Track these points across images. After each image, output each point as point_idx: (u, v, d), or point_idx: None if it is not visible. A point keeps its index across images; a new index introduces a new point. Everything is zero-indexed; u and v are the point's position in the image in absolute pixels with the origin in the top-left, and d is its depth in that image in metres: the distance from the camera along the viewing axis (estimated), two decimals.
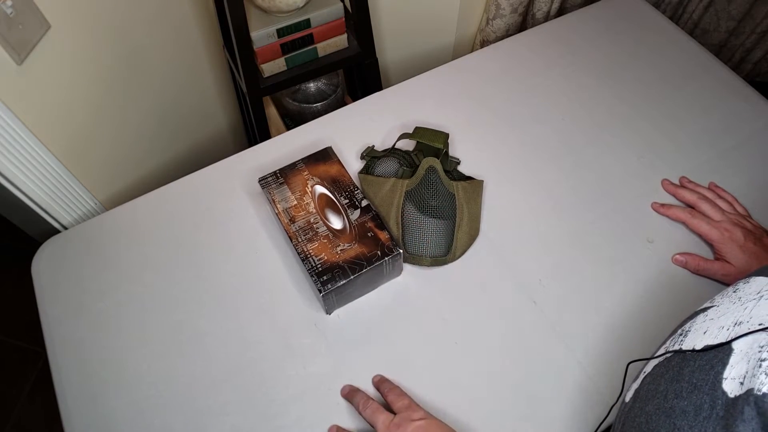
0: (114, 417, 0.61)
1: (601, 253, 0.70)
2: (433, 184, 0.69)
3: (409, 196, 0.69)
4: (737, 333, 0.38)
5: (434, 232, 0.69)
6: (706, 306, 0.46)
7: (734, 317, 0.40)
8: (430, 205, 0.69)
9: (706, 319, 0.44)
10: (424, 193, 0.69)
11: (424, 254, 0.68)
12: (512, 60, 0.91)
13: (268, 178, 0.71)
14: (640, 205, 0.74)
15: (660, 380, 0.42)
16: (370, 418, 0.56)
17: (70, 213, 0.84)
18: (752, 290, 0.42)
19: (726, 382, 0.36)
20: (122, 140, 0.97)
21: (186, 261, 0.71)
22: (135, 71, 0.95)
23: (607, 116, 0.83)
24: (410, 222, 0.69)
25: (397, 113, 0.84)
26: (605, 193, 0.75)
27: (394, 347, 0.64)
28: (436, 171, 0.70)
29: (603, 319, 0.65)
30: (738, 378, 0.35)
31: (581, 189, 0.76)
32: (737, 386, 0.35)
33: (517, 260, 0.70)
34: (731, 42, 1.21)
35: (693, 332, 0.43)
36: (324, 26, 0.94)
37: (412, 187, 0.70)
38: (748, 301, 0.41)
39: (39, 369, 1.32)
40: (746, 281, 0.44)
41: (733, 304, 0.42)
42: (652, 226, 0.72)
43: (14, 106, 0.71)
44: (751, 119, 0.81)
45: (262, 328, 0.66)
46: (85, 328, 0.67)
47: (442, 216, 0.69)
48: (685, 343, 0.43)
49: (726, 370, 0.36)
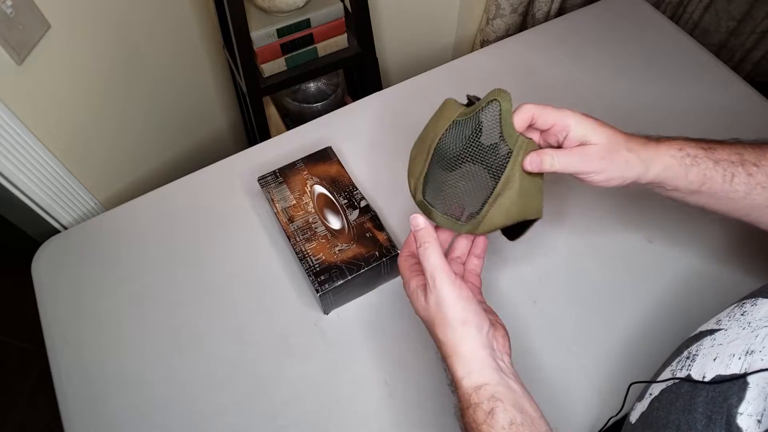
0: (114, 417, 0.61)
1: (601, 253, 0.70)
2: (490, 125, 0.49)
3: (456, 127, 0.51)
4: (750, 363, 0.38)
5: (463, 182, 0.50)
6: (712, 328, 0.45)
7: (746, 345, 0.40)
8: (473, 150, 0.50)
9: (714, 343, 0.43)
10: (473, 131, 0.50)
11: (435, 207, 0.52)
12: (512, 60, 0.90)
13: (267, 177, 0.71)
14: (640, 204, 0.74)
15: (670, 408, 0.41)
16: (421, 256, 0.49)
17: (70, 213, 0.84)
18: (762, 315, 0.41)
19: (741, 417, 0.35)
20: (122, 140, 0.97)
21: (185, 261, 0.71)
22: (135, 71, 0.95)
23: (606, 116, 0.83)
24: (441, 159, 0.51)
25: (397, 113, 0.84)
26: (605, 192, 0.75)
27: (394, 347, 0.64)
28: (500, 108, 0.49)
29: (603, 319, 0.65)
30: (755, 415, 0.35)
31: (581, 188, 0.76)
32: (754, 424, 0.34)
33: (517, 260, 0.70)
34: (731, 42, 1.21)
35: (701, 357, 0.42)
36: (324, 26, 0.94)
37: (463, 117, 0.50)
38: (759, 328, 0.40)
39: (39, 369, 1.32)
40: (753, 302, 0.44)
41: (743, 330, 0.41)
42: (653, 226, 0.72)
43: (14, 106, 0.71)
44: (751, 119, 0.81)
45: (261, 328, 0.66)
46: (85, 328, 0.67)
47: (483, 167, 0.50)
48: (693, 368, 0.42)
49: (742, 405, 0.36)
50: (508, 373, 0.46)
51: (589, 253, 0.70)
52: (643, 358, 0.62)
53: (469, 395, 0.45)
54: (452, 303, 0.46)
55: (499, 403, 0.43)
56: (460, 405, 0.46)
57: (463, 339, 0.46)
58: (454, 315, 0.46)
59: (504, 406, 0.43)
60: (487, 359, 0.45)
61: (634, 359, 0.62)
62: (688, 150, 0.50)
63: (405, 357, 0.64)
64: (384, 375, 0.62)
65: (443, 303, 0.46)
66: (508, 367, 0.47)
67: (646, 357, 0.61)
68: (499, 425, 0.43)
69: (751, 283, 0.62)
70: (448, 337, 0.47)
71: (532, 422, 0.44)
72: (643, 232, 0.71)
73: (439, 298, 0.47)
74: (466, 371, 0.45)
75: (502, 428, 0.43)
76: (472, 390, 0.45)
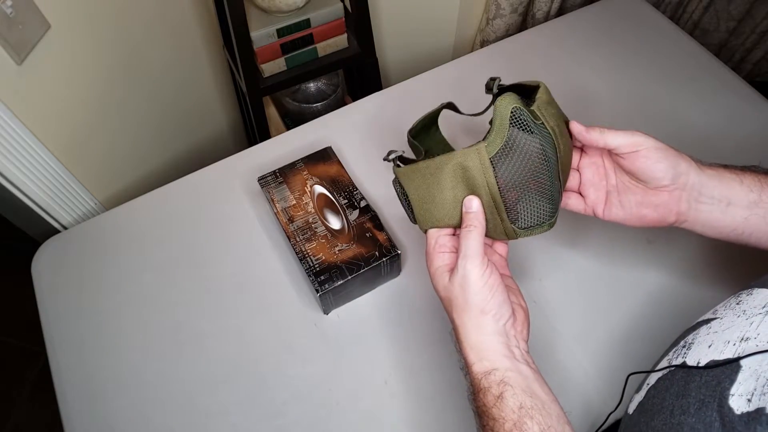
0: (114, 417, 0.61)
1: (601, 253, 0.70)
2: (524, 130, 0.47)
3: (498, 161, 0.48)
4: (744, 349, 0.38)
5: (549, 180, 0.49)
6: (708, 317, 0.46)
7: (740, 332, 0.40)
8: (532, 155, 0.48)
9: (710, 331, 0.43)
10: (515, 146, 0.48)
11: (543, 221, 0.50)
12: (512, 60, 0.90)
13: (267, 177, 0.71)
14: None
15: (665, 395, 0.42)
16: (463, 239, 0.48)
17: (70, 213, 0.84)
18: (757, 303, 0.42)
19: (733, 398, 0.36)
20: (122, 140, 0.97)
21: (185, 261, 0.71)
22: (135, 71, 0.95)
23: (606, 116, 0.83)
24: (515, 187, 0.48)
25: (397, 113, 0.84)
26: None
27: (394, 347, 0.64)
28: (522, 113, 0.47)
29: (603, 319, 0.65)
30: (745, 395, 0.35)
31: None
32: (744, 403, 0.35)
33: (517, 260, 0.70)
34: (731, 42, 1.21)
35: (697, 345, 0.43)
36: (324, 26, 0.94)
37: (498, 148, 0.47)
38: (754, 315, 0.40)
39: (39, 369, 1.32)
40: (749, 292, 0.44)
41: (737, 318, 0.42)
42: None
43: (14, 106, 0.71)
44: (751, 119, 0.81)
45: (261, 328, 0.66)
46: (85, 328, 0.67)
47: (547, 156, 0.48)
48: (689, 356, 0.42)
49: (733, 386, 0.36)
50: (520, 359, 0.46)
51: (589, 253, 0.70)
52: (642, 357, 0.62)
53: (479, 380, 0.45)
54: (478, 289, 0.46)
55: (509, 388, 0.44)
56: (472, 389, 0.47)
57: (478, 327, 0.46)
58: (475, 302, 0.46)
59: (513, 391, 0.44)
60: (499, 347, 0.46)
61: (634, 359, 0.62)
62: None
63: (405, 357, 0.64)
64: (384, 375, 0.62)
65: (468, 287, 0.46)
66: (522, 353, 0.47)
67: (646, 357, 0.61)
68: (508, 408, 0.43)
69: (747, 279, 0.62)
70: (464, 321, 0.47)
71: (543, 405, 0.44)
72: (643, 232, 0.71)
73: (464, 280, 0.46)
74: (477, 357, 0.46)
75: (511, 411, 0.43)
76: (482, 375, 0.45)
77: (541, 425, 0.42)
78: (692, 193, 0.50)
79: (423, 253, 0.70)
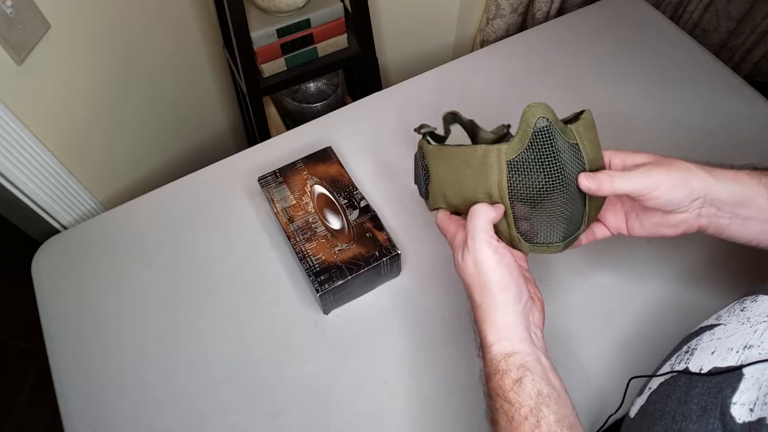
0: (114, 417, 0.61)
1: (601, 253, 0.70)
2: (548, 143, 0.46)
3: (515, 167, 0.47)
4: (748, 357, 0.38)
5: (569, 203, 0.48)
6: (711, 323, 0.45)
7: (744, 340, 0.40)
8: (550, 171, 0.47)
9: (713, 338, 0.43)
10: (535, 157, 0.47)
11: (551, 241, 0.49)
12: (512, 60, 0.90)
13: (267, 177, 0.71)
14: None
15: (667, 400, 0.42)
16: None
17: (70, 213, 0.84)
18: (761, 311, 0.41)
19: (735, 407, 0.35)
20: (122, 140, 0.97)
21: (185, 261, 0.71)
22: (135, 71, 0.95)
23: (606, 116, 0.83)
24: (526, 197, 0.48)
25: (397, 113, 0.84)
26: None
27: (394, 347, 0.64)
28: (551, 126, 0.47)
29: (603, 319, 0.65)
30: (748, 404, 0.35)
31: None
32: (746, 412, 0.35)
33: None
34: (731, 42, 1.21)
35: (700, 351, 0.43)
36: (324, 26, 0.94)
37: (517, 153, 0.47)
38: (758, 323, 0.40)
39: (39, 369, 1.32)
40: (754, 299, 0.44)
41: (741, 325, 0.42)
42: None
43: (14, 106, 0.71)
44: (751, 119, 0.81)
45: (261, 328, 0.66)
46: (85, 328, 0.67)
47: (568, 177, 0.47)
48: (691, 362, 0.42)
49: (735, 395, 0.36)
50: (539, 347, 0.46)
51: (589, 253, 0.70)
52: (643, 358, 0.62)
53: (498, 362, 0.45)
54: (493, 267, 0.46)
55: (528, 373, 0.43)
56: (487, 370, 0.46)
57: (499, 305, 0.46)
58: (494, 279, 0.46)
59: (532, 377, 0.43)
60: (520, 329, 0.45)
61: (634, 359, 0.62)
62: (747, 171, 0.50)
63: (405, 357, 0.64)
64: (384, 375, 0.62)
65: (483, 266, 0.46)
66: (540, 341, 0.47)
67: (646, 357, 0.61)
68: (525, 393, 0.43)
69: (750, 283, 0.62)
70: (484, 299, 0.46)
71: (559, 396, 0.44)
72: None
73: (477, 260, 0.46)
74: (497, 337, 0.45)
75: (528, 396, 0.43)
76: (501, 357, 0.45)
77: (557, 414, 0.42)
78: (710, 209, 0.49)
79: (423, 254, 0.71)
